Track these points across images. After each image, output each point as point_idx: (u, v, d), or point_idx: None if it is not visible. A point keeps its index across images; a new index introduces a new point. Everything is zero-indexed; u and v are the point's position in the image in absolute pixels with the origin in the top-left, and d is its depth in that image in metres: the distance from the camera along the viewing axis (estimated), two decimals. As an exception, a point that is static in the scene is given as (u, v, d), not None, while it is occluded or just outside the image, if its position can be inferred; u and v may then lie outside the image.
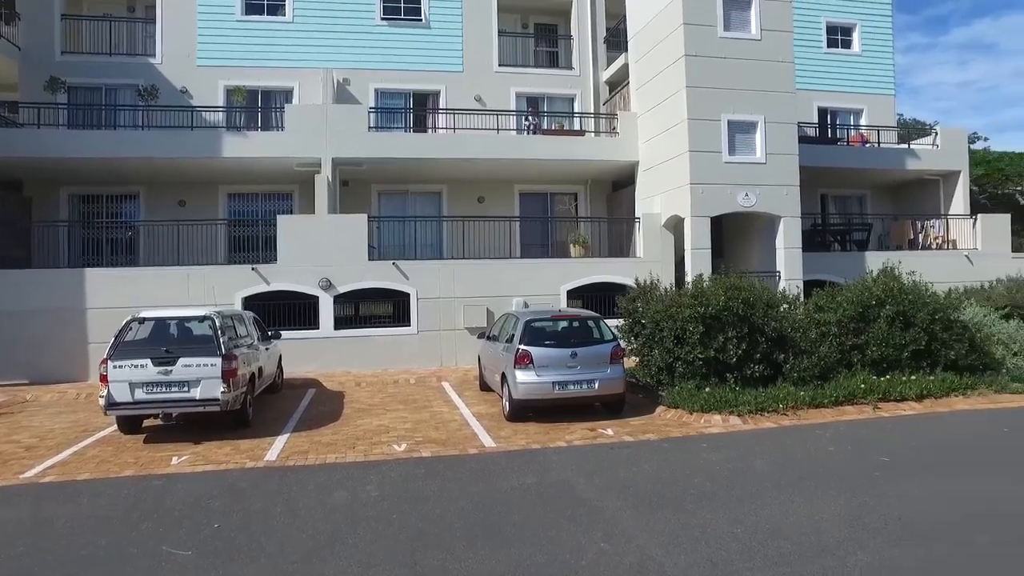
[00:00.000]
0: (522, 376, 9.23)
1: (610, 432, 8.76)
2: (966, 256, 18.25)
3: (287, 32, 18.51)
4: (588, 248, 16.85)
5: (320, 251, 14.72)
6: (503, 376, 9.78)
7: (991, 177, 28.32)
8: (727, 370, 10.13)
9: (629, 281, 13.33)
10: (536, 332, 9.68)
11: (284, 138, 16.04)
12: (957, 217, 19.35)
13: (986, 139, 36.44)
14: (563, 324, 10.25)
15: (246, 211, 18.32)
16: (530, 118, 19.07)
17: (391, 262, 15.22)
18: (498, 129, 17.62)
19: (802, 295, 13.29)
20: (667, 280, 14.78)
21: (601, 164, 17.78)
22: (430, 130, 19.17)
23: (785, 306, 11.03)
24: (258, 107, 18.53)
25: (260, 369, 10.54)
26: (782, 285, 14.14)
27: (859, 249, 18.72)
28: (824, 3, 21.50)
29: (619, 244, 17.75)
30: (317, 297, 14.68)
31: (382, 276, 15.10)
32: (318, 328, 14.64)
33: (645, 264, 15.25)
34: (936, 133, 20.22)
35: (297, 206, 18.23)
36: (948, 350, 11.27)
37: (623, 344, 11.20)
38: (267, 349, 11.52)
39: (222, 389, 8.66)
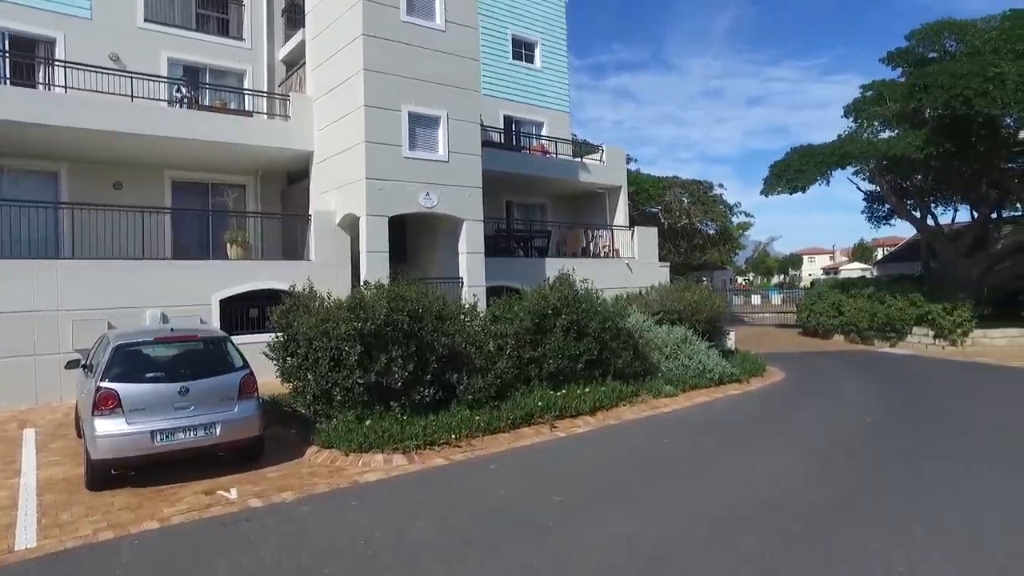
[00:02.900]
0: (104, 426, 6.43)
1: (233, 495, 6.48)
2: (627, 264, 19.83)
3: None
4: (248, 248, 14.14)
5: None
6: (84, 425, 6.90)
7: (640, 196, 32.37)
8: (393, 396, 8.54)
9: (298, 287, 11.16)
10: (131, 361, 6.95)
11: None
12: (620, 228, 21.02)
13: (636, 160, 42.12)
14: (172, 349, 7.57)
15: None
16: (183, 89, 15.65)
17: (-51, 263, 10.86)
18: (132, 96, 13.95)
19: (483, 302, 12.55)
20: (343, 287, 12.98)
21: (272, 152, 15.24)
22: (41, 87, 14.69)
23: (462, 317, 9.92)
24: None
25: None
26: (464, 292, 13.32)
27: (540, 255, 19.13)
28: (511, 17, 21.82)
29: (294, 245, 15.39)
30: None
31: (-66, 281, 10.69)
32: None
33: (317, 268, 13.23)
34: (603, 151, 21.78)
35: None
36: (616, 358, 11.41)
37: (276, 364, 9.09)
38: None
39: None
